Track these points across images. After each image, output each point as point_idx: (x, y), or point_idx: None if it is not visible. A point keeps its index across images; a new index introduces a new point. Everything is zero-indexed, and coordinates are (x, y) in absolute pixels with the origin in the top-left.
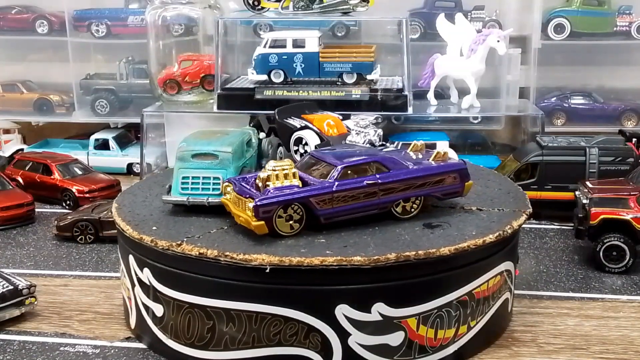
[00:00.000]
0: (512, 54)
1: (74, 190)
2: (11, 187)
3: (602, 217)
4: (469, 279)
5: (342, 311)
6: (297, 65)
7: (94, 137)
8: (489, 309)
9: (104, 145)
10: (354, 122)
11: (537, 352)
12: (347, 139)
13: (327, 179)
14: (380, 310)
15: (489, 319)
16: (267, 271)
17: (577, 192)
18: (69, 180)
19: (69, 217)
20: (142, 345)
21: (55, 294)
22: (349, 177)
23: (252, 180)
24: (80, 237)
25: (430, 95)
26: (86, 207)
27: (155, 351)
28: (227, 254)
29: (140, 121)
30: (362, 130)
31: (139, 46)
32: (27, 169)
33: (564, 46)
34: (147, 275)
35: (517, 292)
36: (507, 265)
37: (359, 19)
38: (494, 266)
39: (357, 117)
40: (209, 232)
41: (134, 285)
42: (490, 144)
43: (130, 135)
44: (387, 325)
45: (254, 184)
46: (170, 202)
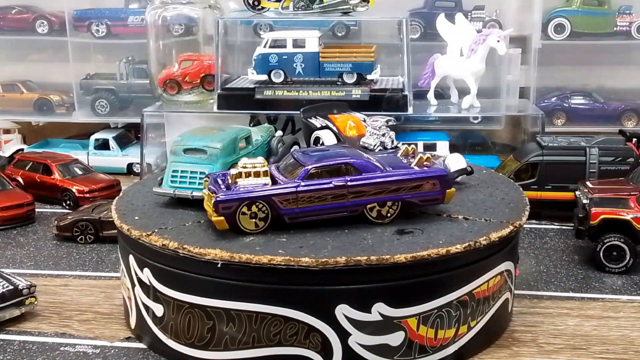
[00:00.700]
0: (512, 54)
1: (74, 190)
2: (11, 187)
3: (602, 217)
4: (469, 279)
5: (342, 311)
6: (297, 65)
7: (94, 137)
8: (489, 309)
9: (104, 145)
10: (369, 124)
11: (537, 352)
12: (361, 141)
13: (294, 179)
14: (380, 310)
15: (489, 319)
16: (219, 266)
17: (577, 192)
18: (69, 180)
19: (69, 217)
20: (142, 345)
21: (55, 294)
22: (317, 178)
23: (227, 176)
24: (80, 237)
25: (430, 95)
26: (86, 207)
27: (155, 351)
28: (186, 246)
29: (140, 121)
30: (376, 132)
31: (139, 46)
32: (27, 169)
33: (564, 46)
34: (147, 275)
35: (517, 292)
36: (507, 265)
37: (359, 19)
38: (494, 266)
39: (370, 119)
40: (184, 224)
41: (134, 285)
42: (490, 144)
43: (130, 135)
44: (387, 325)
45: (227, 180)
46: (159, 194)
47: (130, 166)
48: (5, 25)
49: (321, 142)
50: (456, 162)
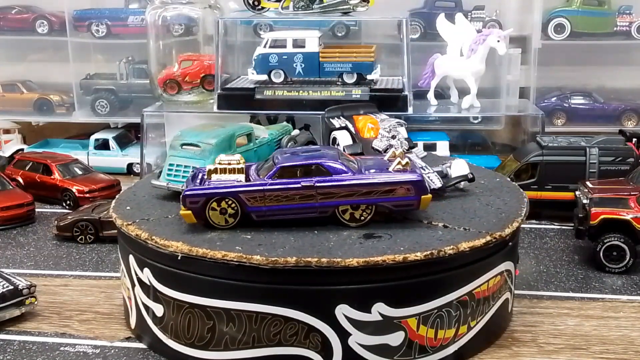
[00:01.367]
0: (512, 54)
1: (74, 190)
2: (11, 187)
3: (602, 217)
4: (469, 279)
5: (342, 311)
6: (297, 65)
7: (94, 137)
8: (489, 309)
9: (104, 145)
10: (381, 126)
11: (537, 352)
12: (372, 143)
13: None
14: (380, 310)
15: (489, 319)
16: (179, 259)
17: (577, 192)
18: (69, 180)
19: (69, 217)
20: (142, 345)
21: (55, 294)
22: (286, 178)
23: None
24: (80, 237)
25: (430, 95)
26: (86, 207)
27: (155, 351)
28: (154, 237)
29: (140, 121)
30: (385, 134)
31: (139, 46)
32: (27, 169)
33: (564, 46)
34: (147, 275)
35: (517, 292)
36: (507, 265)
37: (359, 19)
38: (494, 266)
39: (382, 121)
40: (166, 216)
41: (134, 285)
42: (490, 144)
43: (130, 135)
44: (387, 325)
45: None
46: (155, 186)
47: (130, 166)
48: (5, 25)
49: (337, 143)
50: (458, 168)
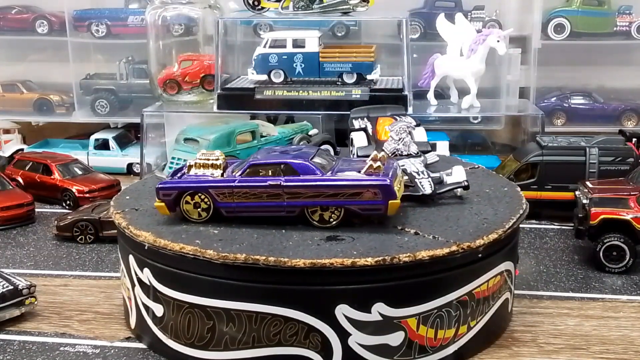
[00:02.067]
0: (512, 54)
1: (74, 190)
2: (11, 187)
3: (602, 217)
4: (469, 279)
5: (342, 311)
6: (297, 65)
7: (94, 137)
8: (489, 309)
9: (104, 145)
10: (390, 129)
11: (537, 352)
12: (383, 146)
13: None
14: (380, 310)
15: (489, 319)
16: (146, 248)
17: (577, 192)
18: (69, 180)
19: (69, 217)
20: (142, 345)
21: (55, 294)
22: (256, 175)
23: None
24: (80, 237)
25: (430, 95)
26: (86, 207)
27: (155, 351)
28: (130, 226)
29: (140, 121)
30: (395, 137)
31: (139, 46)
32: (27, 169)
33: (564, 46)
34: (147, 275)
35: (517, 292)
36: (507, 265)
37: (359, 19)
38: (494, 266)
39: (393, 124)
40: (154, 207)
41: (134, 285)
42: (490, 144)
43: (130, 135)
44: (387, 325)
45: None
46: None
47: (130, 166)
48: (5, 25)
49: (353, 144)
50: (455, 175)
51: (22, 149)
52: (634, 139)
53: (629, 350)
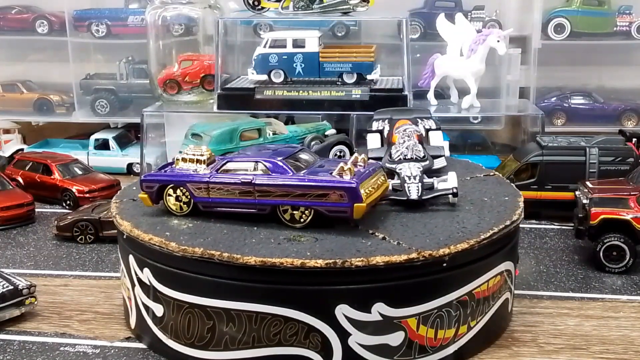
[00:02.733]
0: (512, 54)
1: (74, 190)
2: (11, 187)
3: (602, 217)
4: (469, 279)
5: (342, 311)
6: (297, 65)
7: (94, 137)
8: (489, 309)
9: (104, 145)
10: (398, 132)
11: (537, 352)
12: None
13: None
14: (380, 310)
15: (489, 319)
16: (124, 237)
17: (577, 192)
18: (69, 180)
19: (69, 217)
20: (142, 345)
21: (55, 294)
22: (231, 172)
23: None
24: (80, 237)
25: (430, 95)
26: (86, 207)
27: (155, 351)
28: (117, 216)
29: (140, 121)
30: (400, 140)
31: (139, 46)
32: (27, 169)
33: (564, 46)
34: (147, 275)
35: (517, 292)
36: (507, 265)
37: (359, 19)
38: (494, 266)
39: (401, 127)
40: None
41: (134, 285)
42: (490, 144)
43: (130, 135)
44: (387, 325)
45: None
46: None
47: (130, 166)
48: (5, 25)
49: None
50: (446, 181)
51: (22, 149)
52: (634, 139)
53: (629, 350)
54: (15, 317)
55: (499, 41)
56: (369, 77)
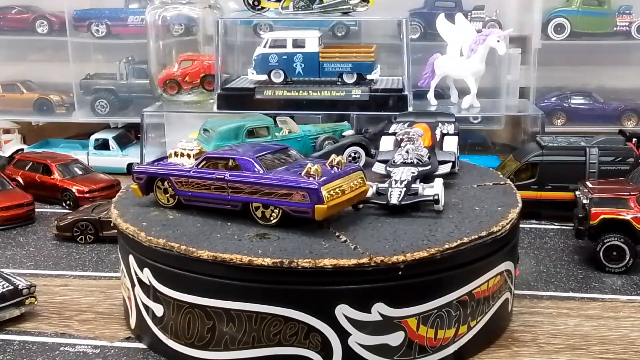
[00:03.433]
0: (512, 54)
1: (74, 190)
2: (11, 187)
3: (602, 217)
4: (469, 279)
5: (342, 311)
6: (297, 65)
7: (94, 137)
8: (489, 309)
9: (104, 145)
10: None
11: (537, 352)
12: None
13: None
14: (380, 310)
15: (489, 319)
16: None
17: (577, 192)
18: (69, 180)
19: (69, 217)
20: (142, 345)
21: (55, 294)
22: (210, 168)
23: None
24: (80, 237)
25: (430, 95)
26: (86, 207)
27: (155, 351)
28: (114, 203)
29: (140, 121)
30: (404, 143)
31: (139, 46)
32: (27, 169)
33: (564, 46)
34: (147, 275)
35: (517, 292)
36: (507, 265)
37: (359, 19)
38: (494, 266)
39: (401, 131)
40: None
41: (134, 285)
42: (490, 144)
43: (130, 135)
44: (387, 325)
45: None
46: None
47: (130, 166)
48: (5, 25)
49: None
50: (431, 188)
51: (22, 149)
52: (634, 139)
53: (629, 350)
54: (15, 317)
55: (499, 41)
56: (369, 77)
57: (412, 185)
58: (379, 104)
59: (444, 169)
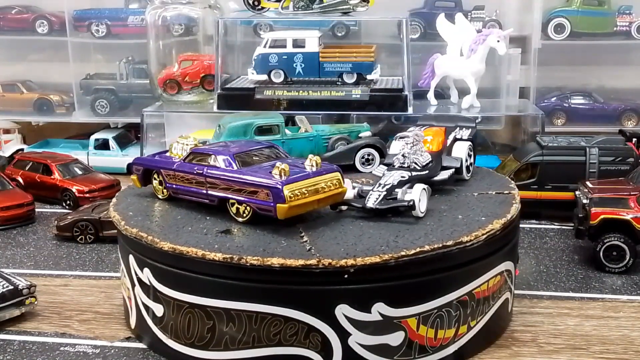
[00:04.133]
0: (512, 54)
1: (74, 190)
2: (11, 187)
3: (602, 217)
4: (469, 279)
5: (342, 311)
6: (297, 65)
7: (94, 137)
8: (489, 309)
9: (104, 145)
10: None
11: (537, 352)
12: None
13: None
14: (380, 310)
15: (489, 319)
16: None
17: (577, 192)
18: (69, 180)
19: (69, 217)
20: (142, 345)
21: (55, 294)
22: (194, 162)
23: None
24: (80, 237)
25: (430, 95)
26: (86, 207)
27: (155, 351)
28: (114, 199)
29: (140, 121)
30: (402, 147)
31: (139, 46)
32: (27, 169)
33: (564, 46)
34: (147, 275)
35: (517, 292)
36: (507, 265)
37: (359, 19)
38: (494, 266)
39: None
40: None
41: (134, 285)
42: (490, 144)
43: (130, 135)
44: (387, 325)
45: None
46: None
47: (130, 166)
48: (5, 25)
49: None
50: (408, 193)
51: (22, 149)
52: (634, 139)
53: (629, 350)
54: (15, 317)
55: (499, 41)
56: (369, 77)
57: (397, 189)
58: (379, 104)
59: (444, 175)
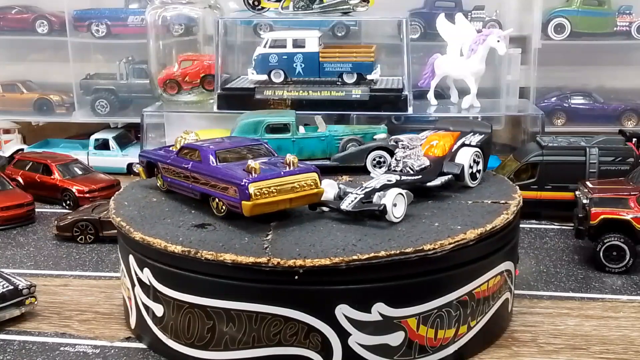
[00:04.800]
0: (512, 54)
1: (74, 190)
2: (11, 187)
3: (602, 217)
4: (469, 279)
5: (342, 311)
6: (297, 65)
7: (94, 137)
8: (489, 309)
9: (104, 145)
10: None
11: (537, 352)
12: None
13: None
14: (380, 310)
15: (489, 319)
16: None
17: (577, 192)
18: (69, 180)
19: (69, 217)
20: (142, 345)
21: (55, 294)
22: (183, 157)
23: None
24: (80, 237)
25: (430, 95)
26: (86, 207)
27: (155, 351)
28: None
29: (140, 121)
30: (396, 151)
31: (139, 46)
32: (27, 169)
33: (564, 46)
34: (147, 275)
35: (517, 292)
36: (507, 265)
37: (359, 19)
38: (494, 266)
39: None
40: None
41: (134, 285)
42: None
43: (130, 135)
44: (387, 325)
45: None
46: None
47: (130, 166)
48: (5, 25)
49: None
50: (386, 197)
51: (22, 149)
52: (634, 139)
53: (629, 350)
54: (15, 317)
55: (499, 41)
56: (369, 77)
57: (377, 193)
58: (379, 104)
59: (437, 181)
